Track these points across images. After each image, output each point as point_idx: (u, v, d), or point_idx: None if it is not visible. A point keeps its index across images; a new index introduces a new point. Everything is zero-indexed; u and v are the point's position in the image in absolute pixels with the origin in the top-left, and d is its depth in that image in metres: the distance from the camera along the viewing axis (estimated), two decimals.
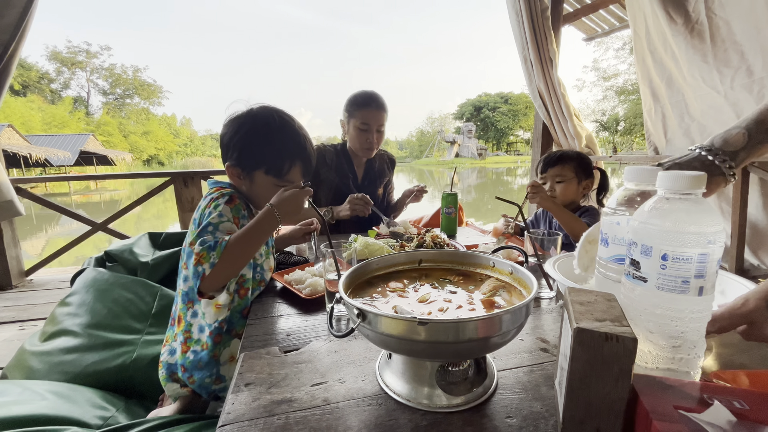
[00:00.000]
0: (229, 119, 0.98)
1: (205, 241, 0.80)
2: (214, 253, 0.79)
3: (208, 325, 0.90)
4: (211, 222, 0.85)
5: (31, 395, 0.90)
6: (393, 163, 1.98)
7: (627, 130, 35.35)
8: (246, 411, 0.52)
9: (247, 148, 0.97)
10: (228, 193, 0.93)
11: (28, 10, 2.27)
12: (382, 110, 1.71)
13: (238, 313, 0.93)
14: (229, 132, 0.98)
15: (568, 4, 3.17)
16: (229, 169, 0.98)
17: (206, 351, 0.89)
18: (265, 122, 0.97)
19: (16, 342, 1.85)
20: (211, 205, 0.89)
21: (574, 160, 1.48)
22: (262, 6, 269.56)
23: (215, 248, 0.79)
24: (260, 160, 0.97)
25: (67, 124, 34.80)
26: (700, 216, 0.45)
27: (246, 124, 0.97)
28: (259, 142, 0.97)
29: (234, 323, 0.93)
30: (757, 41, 1.92)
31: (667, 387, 0.41)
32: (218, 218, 0.86)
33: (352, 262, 0.83)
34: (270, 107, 1.00)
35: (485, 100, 68.28)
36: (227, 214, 0.88)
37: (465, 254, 0.71)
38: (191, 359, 0.89)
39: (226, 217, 0.88)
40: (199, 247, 0.80)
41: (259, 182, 0.99)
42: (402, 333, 0.46)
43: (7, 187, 2.54)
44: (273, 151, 0.97)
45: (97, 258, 1.50)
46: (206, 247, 0.79)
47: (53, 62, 46.80)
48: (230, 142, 0.97)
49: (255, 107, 0.99)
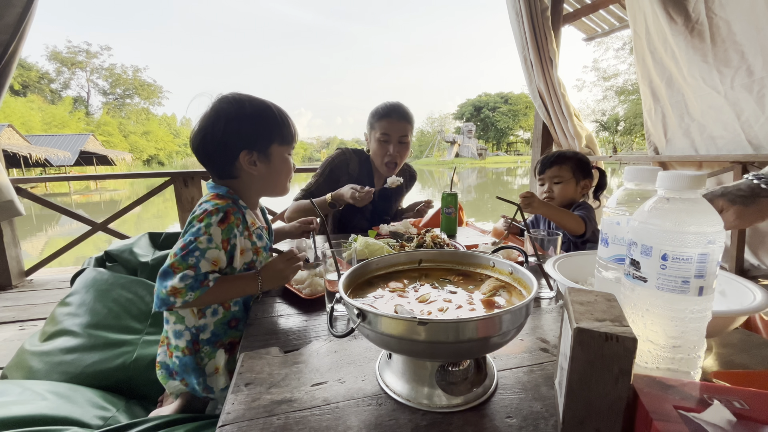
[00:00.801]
0: (216, 116, 0.93)
1: (187, 277, 0.80)
2: (192, 294, 0.80)
3: (187, 329, 0.90)
4: (199, 247, 0.83)
5: (31, 395, 0.90)
6: (413, 179, 1.92)
7: (627, 130, 35.36)
8: (246, 411, 0.52)
9: (257, 128, 0.95)
10: (224, 207, 0.88)
11: (28, 10, 2.27)
12: (404, 120, 1.61)
13: (223, 324, 0.92)
14: (226, 124, 0.92)
15: (568, 4, 3.18)
16: (245, 157, 0.94)
17: (189, 357, 0.89)
18: (254, 101, 0.97)
19: (16, 342, 1.85)
20: (203, 220, 0.86)
21: (571, 160, 1.49)
22: (262, 6, 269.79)
23: (195, 291, 0.80)
24: (273, 132, 0.97)
25: (67, 124, 34.81)
26: (700, 216, 0.45)
27: (241, 108, 0.94)
28: (264, 118, 0.96)
29: (219, 334, 0.92)
30: (757, 41, 1.92)
31: (667, 387, 0.41)
32: (206, 243, 0.83)
33: (352, 262, 0.83)
34: (238, 93, 0.99)
35: (485, 100, 68.31)
36: (216, 238, 0.85)
37: (465, 254, 0.71)
38: (177, 363, 0.90)
39: (215, 243, 0.85)
40: (180, 282, 0.79)
41: (276, 157, 0.99)
42: (402, 333, 0.46)
43: (7, 187, 2.55)
44: (276, 121, 0.97)
45: (97, 258, 1.50)
46: (187, 285, 0.79)
47: (53, 62, 46.85)
48: (235, 131, 0.93)
49: (227, 96, 0.96)
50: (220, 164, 0.96)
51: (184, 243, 0.83)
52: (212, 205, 0.87)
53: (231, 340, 0.93)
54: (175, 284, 0.79)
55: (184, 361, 0.89)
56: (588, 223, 1.35)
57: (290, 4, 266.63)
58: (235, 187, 0.98)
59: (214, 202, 0.89)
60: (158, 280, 0.82)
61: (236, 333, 0.94)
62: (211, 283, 0.82)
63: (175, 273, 0.80)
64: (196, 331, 0.90)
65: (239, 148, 0.94)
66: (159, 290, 0.81)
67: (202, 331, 0.90)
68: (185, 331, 0.90)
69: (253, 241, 0.96)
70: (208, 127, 0.93)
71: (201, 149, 0.95)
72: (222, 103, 0.94)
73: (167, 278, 0.80)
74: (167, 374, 0.93)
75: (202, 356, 0.90)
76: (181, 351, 0.90)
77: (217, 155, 0.95)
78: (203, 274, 0.82)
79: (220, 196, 0.93)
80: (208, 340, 0.91)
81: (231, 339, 0.93)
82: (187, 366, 0.89)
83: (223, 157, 0.95)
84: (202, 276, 0.82)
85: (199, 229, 0.84)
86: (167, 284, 0.79)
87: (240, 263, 0.92)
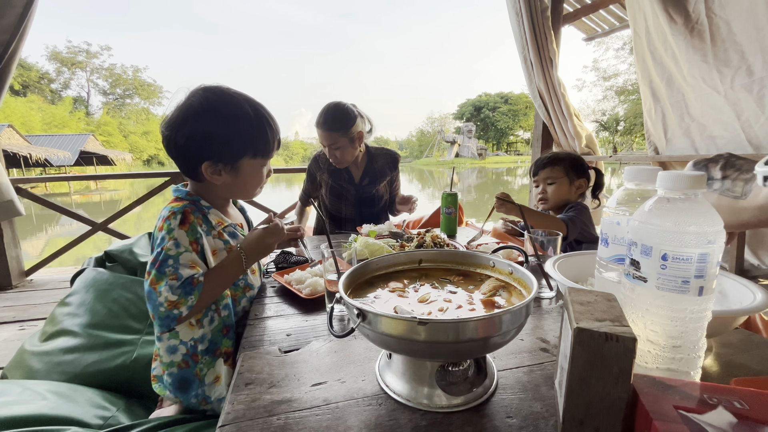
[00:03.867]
0: (184, 117, 0.84)
1: (175, 285, 0.76)
2: (192, 297, 0.77)
3: (183, 343, 0.85)
4: (169, 254, 0.78)
5: (32, 395, 0.90)
6: (395, 161, 1.96)
7: (627, 130, 35.37)
8: (246, 411, 0.52)
9: (225, 139, 0.86)
10: (180, 209, 0.83)
11: (28, 11, 2.27)
12: (330, 131, 1.64)
13: (218, 333, 0.88)
14: (192, 130, 0.84)
15: (568, 4, 3.17)
16: (209, 168, 0.87)
17: (186, 370, 0.85)
18: (231, 104, 0.87)
19: (16, 342, 1.85)
20: (163, 227, 0.81)
21: (564, 161, 1.49)
22: (262, 6, 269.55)
23: (192, 293, 0.77)
24: (245, 146, 0.88)
25: (67, 124, 34.80)
26: (700, 216, 0.45)
27: (213, 114, 0.84)
28: (237, 128, 0.86)
29: (217, 342, 0.88)
30: (757, 41, 1.92)
31: (667, 387, 0.41)
32: (175, 249, 0.79)
33: (352, 262, 0.83)
34: (220, 87, 0.88)
35: (485, 100, 68.34)
36: (183, 241, 0.81)
37: (465, 254, 0.71)
38: (170, 381, 0.86)
39: (183, 246, 0.81)
40: (172, 295, 0.76)
41: (246, 170, 0.91)
42: (402, 333, 0.46)
43: (7, 187, 2.55)
44: (250, 133, 0.88)
45: (97, 258, 1.50)
46: (182, 293, 0.76)
47: (53, 62, 46.87)
48: (199, 140, 0.84)
49: (200, 92, 0.86)
50: (185, 166, 0.90)
51: (154, 257, 0.79)
52: (168, 210, 0.84)
53: (226, 349, 0.89)
54: (168, 297, 0.76)
55: (179, 376, 0.85)
56: (570, 225, 1.35)
57: (290, 4, 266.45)
58: (198, 189, 0.93)
59: (170, 206, 0.85)
60: (148, 304, 0.78)
61: (229, 341, 0.90)
62: (201, 278, 0.79)
63: (155, 288, 0.76)
64: (194, 343, 0.85)
65: (202, 158, 0.86)
66: (156, 311, 0.77)
67: (200, 342, 0.86)
68: (180, 345, 0.85)
69: (225, 240, 0.92)
70: (173, 129, 0.85)
71: (167, 146, 0.88)
72: (193, 98, 0.85)
73: (152, 297, 0.77)
74: (163, 387, 0.90)
75: (201, 367, 0.86)
76: (176, 366, 0.85)
77: (181, 157, 0.88)
78: (188, 278, 0.78)
79: (178, 198, 0.89)
80: (207, 349, 0.87)
81: (226, 348, 0.89)
82: (183, 381, 0.85)
83: (188, 160, 0.88)
84: (188, 278, 0.78)
85: (163, 237, 0.80)
86: (160, 301, 0.76)
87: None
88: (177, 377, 0.85)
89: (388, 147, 2.04)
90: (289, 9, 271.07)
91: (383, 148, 1.96)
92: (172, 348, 0.86)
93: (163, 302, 0.76)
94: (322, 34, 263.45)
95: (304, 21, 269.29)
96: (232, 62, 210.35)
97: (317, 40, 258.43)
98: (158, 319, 0.78)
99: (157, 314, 0.77)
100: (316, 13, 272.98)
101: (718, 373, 0.59)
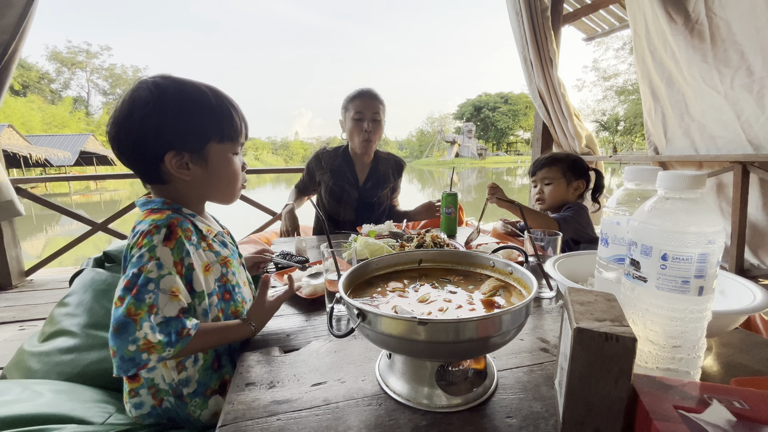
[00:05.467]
0: (130, 107, 0.72)
1: (164, 326, 0.63)
2: (170, 350, 0.62)
3: (169, 384, 0.73)
4: (149, 277, 0.64)
5: (32, 394, 0.90)
6: (400, 168, 1.94)
7: (627, 130, 35.40)
8: (246, 411, 0.52)
9: (185, 121, 0.74)
10: (164, 221, 0.69)
11: (28, 11, 2.27)
12: (375, 99, 1.72)
13: (208, 370, 0.75)
14: (144, 118, 0.71)
15: (568, 4, 3.18)
16: (173, 159, 0.74)
17: (174, 411, 0.75)
18: (183, 84, 0.76)
19: (16, 342, 1.85)
20: (143, 245, 0.67)
21: (562, 162, 1.49)
22: (262, 6, 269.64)
23: (174, 345, 0.62)
24: (208, 127, 0.76)
25: (67, 124, 34.82)
26: (700, 216, 0.45)
27: (162, 95, 0.73)
28: (196, 108, 0.75)
29: (206, 382, 0.75)
30: (757, 41, 1.92)
31: (667, 387, 0.41)
32: (157, 270, 0.65)
33: (352, 262, 0.83)
34: (169, 75, 0.77)
35: (485, 100, 68.37)
36: (167, 261, 0.67)
37: (465, 254, 0.71)
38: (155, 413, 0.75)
39: (167, 268, 0.66)
40: (158, 334, 0.62)
41: (215, 157, 0.78)
42: (402, 333, 0.46)
43: (7, 187, 2.54)
44: (213, 112, 0.77)
45: (96, 258, 1.50)
46: (164, 341, 0.62)
47: (53, 62, 46.92)
48: (153, 127, 0.72)
49: (146, 80, 0.75)
50: (143, 167, 0.76)
51: (128, 279, 0.64)
52: (148, 224, 0.69)
53: (222, 381, 0.77)
54: (150, 336, 0.60)
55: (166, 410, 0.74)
56: (562, 224, 1.34)
57: (291, 4, 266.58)
58: (169, 195, 0.78)
59: (150, 219, 0.70)
60: (114, 336, 0.61)
61: (224, 371, 0.77)
62: (191, 332, 0.64)
63: (136, 320, 0.61)
64: (178, 386, 0.73)
65: (163, 149, 0.73)
66: (122, 347, 0.60)
67: (185, 386, 0.73)
68: (171, 382, 0.73)
69: (216, 251, 0.79)
70: (121, 123, 0.72)
71: (117, 149, 0.74)
72: (139, 90, 0.73)
73: (129, 330, 0.60)
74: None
75: (193, 408, 0.74)
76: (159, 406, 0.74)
77: (136, 157, 0.75)
78: (178, 320, 0.64)
79: (155, 210, 0.74)
80: (195, 391, 0.74)
81: (221, 380, 0.77)
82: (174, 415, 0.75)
83: (144, 160, 0.75)
84: (177, 324, 0.64)
85: (141, 256, 0.65)
86: (136, 337, 0.60)
87: (211, 283, 0.75)
88: (163, 411, 0.75)
89: (388, 147, 2.04)
90: (289, 9, 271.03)
91: (390, 153, 1.95)
92: (143, 395, 0.74)
93: (140, 338, 0.60)
94: (323, 34, 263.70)
95: (304, 21, 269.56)
96: (232, 62, 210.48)
97: (317, 41, 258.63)
98: (119, 359, 0.60)
99: (121, 353, 0.60)
100: (316, 14, 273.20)
101: (718, 373, 0.59)
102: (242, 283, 0.86)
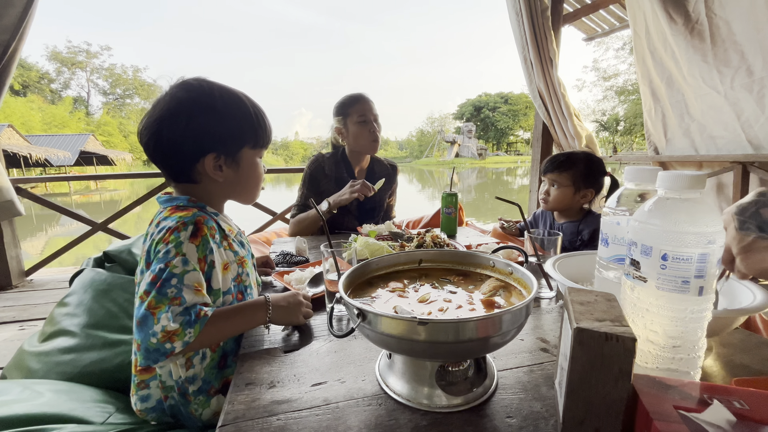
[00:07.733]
0: (176, 108, 0.75)
1: (178, 312, 0.64)
2: (191, 331, 0.64)
3: (176, 381, 0.75)
4: (174, 272, 0.66)
5: (32, 394, 0.90)
6: (395, 170, 1.94)
7: (627, 130, 35.42)
8: (246, 411, 0.52)
9: (228, 127, 0.78)
10: (191, 219, 0.71)
11: (28, 10, 2.27)
12: (371, 101, 1.76)
13: (213, 368, 0.77)
14: (190, 120, 0.74)
15: (568, 4, 3.17)
16: (211, 162, 0.77)
17: (177, 407, 0.76)
18: (225, 91, 0.79)
19: (16, 342, 1.85)
20: (169, 240, 0.68)
21: (576, 167, 1.41)
22: (261, 6, 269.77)
23: (193, 325, 0.64)
24: (246, 134, 0.81)
25: (67, 124, 34.83)
26: (700, 216, 0.45)
27: (211, 100, 0.76)
28: (238, 115, 0.79)
29: (211, 381, 0.77)
30: (757, 41, 1.92)
31: (667, 387, 0.41)
32: (182, 265, 0.67)
33: (352, 262, 0.83)
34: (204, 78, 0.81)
35: (485, 100, 68.39)
36: (192, 257, 0.69)
37: (465, 254, 0.71)
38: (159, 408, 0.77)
39: (192, 264, 0.68)
40: (172, 323, 0.63)
41: (246, 161, 0.83)
42: (402, 333, 0.46)
43: (7, 187, 2.54)
44: (251, 120, 0.81)
45: (96, 258, 1.50)
46: (183, 323, 0.63)
47: (53, 62, 46.96)
48: (201, 130, 0.75)
49: (190, 82, 0.78)
50: (178, 167, 0.79)
51: (154, 274, 0.65)
52: (175, 221, 0.71)
53: (225, 380, 0.78)
54: (167, 326, 0.62)
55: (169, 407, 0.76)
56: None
57: (290, 4, 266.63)
58: (196, 194, 0.81)
59: (177, 216, 0.72)
60: (137, 330, 0.64)
61: (228, 371, 0.79)
62: (208, 312, 0.66)
63: (154, 313, 0.63)
64: (184, 384, 0.74)
65: (204, 151, 0.77)
66: (146, 341, 0.63)
67: (191, 383, 0.74)
68: (178, 379, 0.75)
69: (235, 251, 0.81)
70: (165, 122, 0.75)
71: (153, 147, 0.77)
72: (184, 91, 0.76)
73: (148, 323, 0.63)
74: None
75: (195, 407, 0.76)
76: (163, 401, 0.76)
77: (174, 156, 0.78)
78: (193, 304, 0.66)
79: (180, 207, 0.76)
80: (200, 389, 0.75)
81: (225, 380, 0.78)
82: (176, 412, 0.76)
83: (182, 159, 0.78)
84: (194, 307, 0.66)
85: (168, 251, 0.67)
86: (154, 330, 0.62)
87: (228, 282, 0.78)
88: (167, 407, 0.76)
89: (389, 147, 2.05)
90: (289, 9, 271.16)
91: (384, 158, 1.97)
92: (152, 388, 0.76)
93: (159, 332, 0.62)
94: (323, 34, 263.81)
95: (304, 21, 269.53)
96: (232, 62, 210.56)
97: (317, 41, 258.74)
98: (144, 350, 0.63)
99: (144, 345, 0.63)
100: (316, 14, 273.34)
101: (718, 373, 0.59)
102: (253, 284, 0.88)
